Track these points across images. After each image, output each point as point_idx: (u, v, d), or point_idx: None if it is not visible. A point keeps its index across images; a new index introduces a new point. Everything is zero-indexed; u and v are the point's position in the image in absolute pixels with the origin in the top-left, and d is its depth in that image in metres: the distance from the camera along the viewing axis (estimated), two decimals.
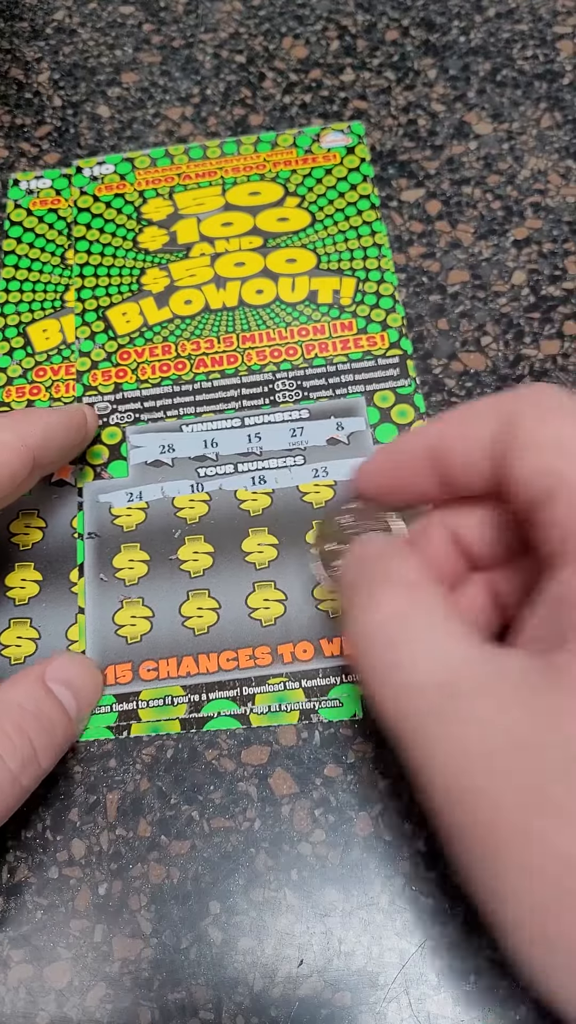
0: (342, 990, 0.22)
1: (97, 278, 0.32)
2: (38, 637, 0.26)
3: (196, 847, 0.23)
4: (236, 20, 0.39)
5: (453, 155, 0.34)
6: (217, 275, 0.32)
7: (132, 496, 0.28)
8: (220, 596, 0.26)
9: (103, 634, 0.26)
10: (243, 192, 0.34)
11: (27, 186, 0.35)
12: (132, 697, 0.25)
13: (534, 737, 0.15)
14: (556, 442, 0.17)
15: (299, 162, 0.34)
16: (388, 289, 0.31)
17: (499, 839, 0.14)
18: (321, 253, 0.32)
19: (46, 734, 0.22)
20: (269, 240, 0.33)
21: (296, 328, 0.31)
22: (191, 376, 0.30)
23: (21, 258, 0.33)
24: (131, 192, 0.34)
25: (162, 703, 0.25)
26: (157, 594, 0.27)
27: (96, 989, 0.22)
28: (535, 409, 0.18)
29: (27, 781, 0.22)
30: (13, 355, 0.31)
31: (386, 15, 0.38)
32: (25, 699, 0.22)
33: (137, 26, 0.39)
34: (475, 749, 0.15)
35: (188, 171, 0.35)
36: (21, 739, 0.21)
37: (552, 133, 0.35)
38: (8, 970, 0.22)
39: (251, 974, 0.22)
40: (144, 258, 0.33)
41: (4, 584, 0.27)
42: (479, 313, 0.31)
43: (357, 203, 0.33)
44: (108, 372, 0.30)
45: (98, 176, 0.35)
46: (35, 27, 0.39)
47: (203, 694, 0.25)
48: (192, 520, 0.28)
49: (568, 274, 0.32)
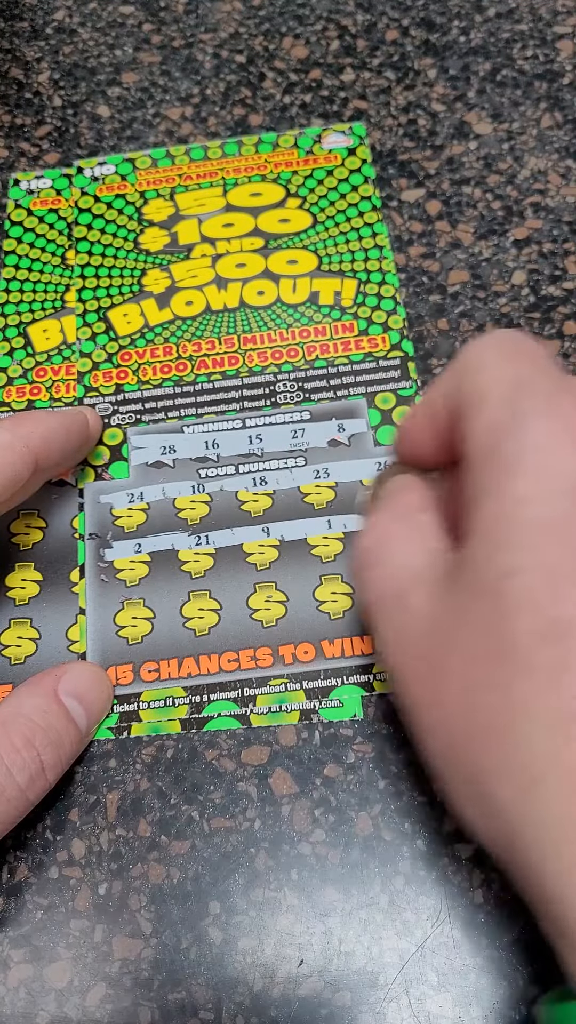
0: (342, 990, 0.22)
1: (98, 279, 0.32)
2: (38, 637, 0.26)
3: (196, 847, 0.23)
4: (236, 20, 0.39)
5: (453, 155, 0.34)
6: (218, 276, 0.32)
7: (133, 497, 0.28)
8: (221, 597, 0.26)
9: (104, 635, 0.26)
10: (244, 193, 0.34)
11: (27, 186, 0.35)
12: (133, 698, 0.25)
13: (443, 621, 0.18)
14: (477, 366, 0.20)
15: (300, 163, 0.34)
16: (389, 291, 0.31)
17: (416, 701, 0.18)
18: (322, 254, 0.32)
19: (54, 748, 0.22)
20: (270, 241, 0.33)
21: (297, 329, 0.31)
22: (192, 377, 0.30)
23: (21, 258, 0.33)
24: (132, 193, 0.34)
25: (163, 704, 0.25)
26: (158, 595, 0.27)
27: (96, 989, 0.22)
28: (475, 358, 0.20)
29: (33, 795, 0.22)
30: (13, 355, 0.31)
31: (386, 15, 0.38)
32: (36, 712, 0.22)
33: (137, 26, 0.39)
34: (403, 629, 0.19)
35: (189, 172, 0.35)
36: (30, 753, 0.21)
37: (552, 133, 0.35)
38: (8, 970, 0.22)
39: (251, 974, 0.22)
40: (145, 259, 0.33)
41: (4, 584, 0.27)
42: (479, 313, 0.31)
43: (358, 204, 0.33)
44: (109, 373, 0.30)
45: (99, 177, 0.35)
46: (35, 27, 0.39)
47: (204, 695, 0.25)
48: (193, 521, 0.28)
49: (568, 274, 0.32)
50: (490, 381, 0.19)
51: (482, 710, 0.17)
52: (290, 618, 0.26)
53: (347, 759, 0.24)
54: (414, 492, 0.22)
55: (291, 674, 0.25)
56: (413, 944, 0.22)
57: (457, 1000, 0.21)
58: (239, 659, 0.26)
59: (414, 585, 0.19)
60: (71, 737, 0.23)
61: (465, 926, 0.22)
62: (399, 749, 0.24)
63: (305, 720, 0.25)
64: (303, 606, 0.26)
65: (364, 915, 0.22)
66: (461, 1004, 0.21)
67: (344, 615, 0.26)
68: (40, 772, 0.22)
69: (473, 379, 0.19)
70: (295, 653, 0.26)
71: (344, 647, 0.26)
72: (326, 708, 0.25)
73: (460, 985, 0.22)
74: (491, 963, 0.22)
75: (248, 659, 0.26)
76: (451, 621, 0.18)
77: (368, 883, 0.23)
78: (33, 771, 0.21)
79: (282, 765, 0.24)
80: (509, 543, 0.17)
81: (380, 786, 0.24)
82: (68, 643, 0.26)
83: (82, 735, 0.23)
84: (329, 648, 0.26)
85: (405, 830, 0.23)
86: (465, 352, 0.21)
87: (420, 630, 0.19)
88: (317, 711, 0.25)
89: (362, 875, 0.23)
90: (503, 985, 0.21)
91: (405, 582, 0.20)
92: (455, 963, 0.22)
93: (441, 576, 0.19)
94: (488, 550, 0.17)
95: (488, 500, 0.17)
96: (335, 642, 0.26)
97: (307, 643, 0.26)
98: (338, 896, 0.23)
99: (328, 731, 0.25)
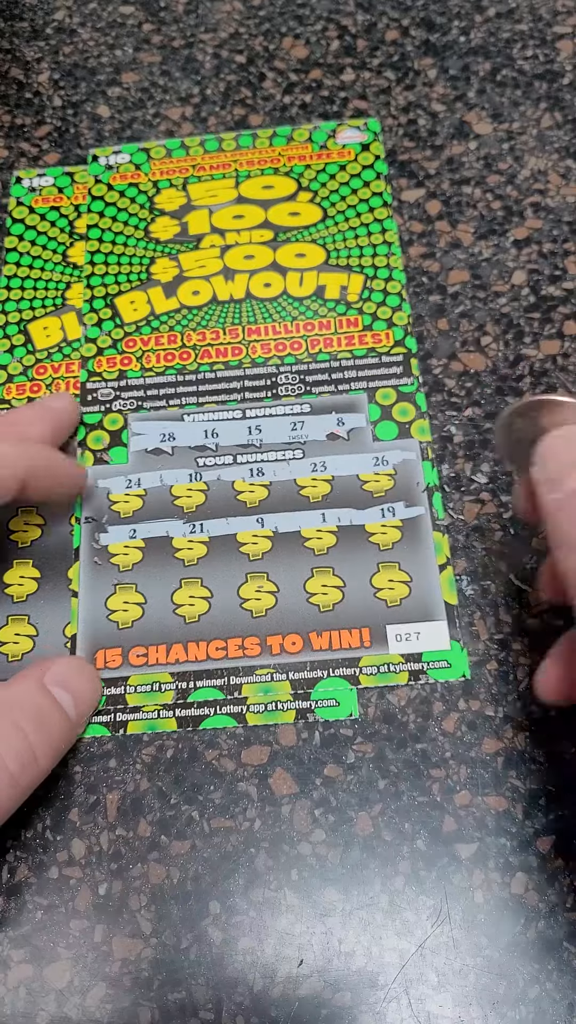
0: (342, 990, 0.22)
1: (107, 266, 0.33)
2: (36, 634, 0.26)
3: (196, 847, 0.23)
4: (236, 20, 0.39)
5: (453, 155, 0.34)
6: (226, 267, 0.32)
7: (131, 483, 0.28)
8: (212, 585, 0.27)
9: (95, 618, 0.26)
10: (256, 185, 0.34)
11: (30, 184, 0.35)
12: (120, 682, 0.25)
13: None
14: None
15: (314, 157, 0.35)
16: (396, 287, 0.31)
17: None
18: (331, 249, 0.32)
19: (43, 733, 0.22)
20: (279, 234, 0.33)
21: (302, 323, 0.31)
22: (195, 366, 0.30)
23: (23, 255, 0.33)
24: (145, 182, 0.34)
25: (150, 689, 0.25)
26: (150, 581, 0.27)
27: (96, 989, 0.22)
28: None
29: (26, 781, 0.22)
30: (14, 352, 0.31)
31: (386, 15, 0.38)
32: (22, 698, 0.22)
33: (137, 26, 0.39)
34: None
35: (203, 163, 0.35)
36: (18, 737, 0.21)
37: (552, 133, 0.35)
38: (8, 970, 0.22)
39: (251, 974, 0.22)
40: (155, 247, 0.33)
41: (2, 581, 0.27)
42: (479, 313, 0.31)
43: (369, 200, 0.33)
44: (113, 359, 0.31)
45: (113, 165, 0.35)
46: (35, 27, 0.39)
47: (191, 682, 0.25)
48: (189, 509, 0.28)
49: (568, 274, 0.32)
50: None
51: None
52: (280, 609, 0.26)
53: (347, 759, 0.24)
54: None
55: (277, 664, 0.25)
56: (413, 944, 0.22)
57: (457, 1000, 0.21)
58: (227, 647, 0.26)
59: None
60: (59, 724, 0.23)
61: (465, 926, 0.22)
62: (399, 749, 0.24)
63: (301, 719, 0.25)
64: (293, 598, 0.26)
65: (364, 915, 0.22)
66: (461, 1004, 0.21)
67: (333, 608, 0.26)
68: (32, 758, 0.22)
69: None
70: (283, 644, 0.26)
71: (332, 640, 0.26)
72: (322, 707, 0.25)
73: (460, 985, 0.21)
74: (491, 963, 0.22)
75: (236, 648, 0.26)
76: None
77: (368, 883, 0.23)
78: (24, 757, 0.21)
79: (282, 765, 0.24)
80: None
81: (380, 786, 0.24)
82: (65, 639, 0.26)
83: (72, 723, 0.23)
84: (317, 640, 0.26)
85: (405, 830, 0.23)
86: None
87: None
88: (313, 710, 0.25)
89: (362, 875, 0.23)
90: (503, 985, 0.21)
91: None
92: (455, 963, 0.22)
93: None
94: None
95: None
96: (323, 634, 0.26)
97: (295, 634, 0.26)
98: (338, 896, 0.23)
99: (328, 731, 0.25)
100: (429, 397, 0.29)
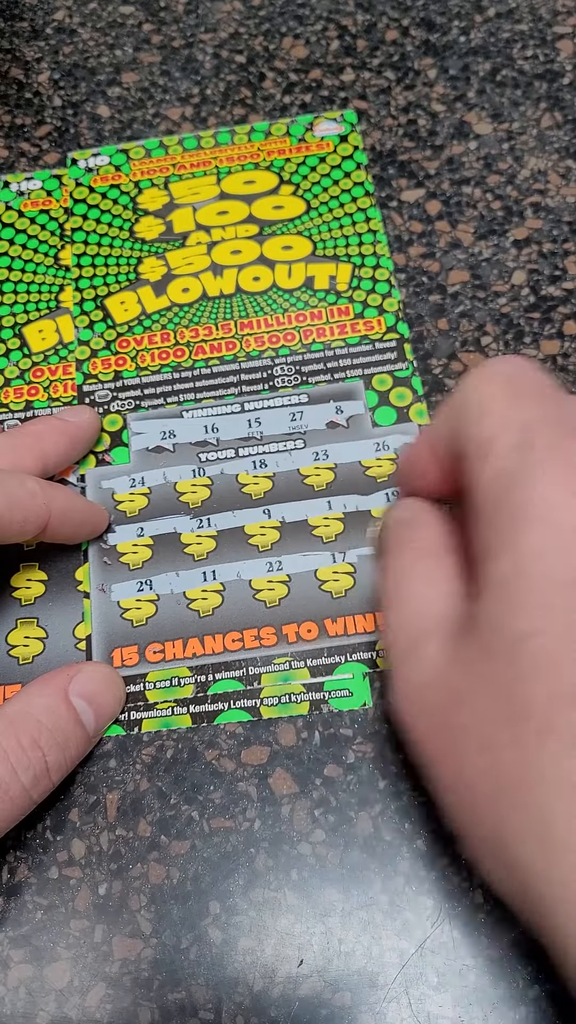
0: (342, 990, 0.22)
1: (95, 268, 0.33)
2: (45, 637, 0.26)
3: (196, 847, 0.23)
4: (236, 20, 0.39)
5: (453, 155, 0.34)
6: (214, 263, 0.32)
7: (135, 482, 0.28)
8: (224, 578, 0.27)
9: (109, 618, 0.26)
10: (238, 181, 0.34)
11: (17, 188, 0.35)
12: (139, 679, 0.25)
13: (457, 677, 0.18)
14: (480, 408, 0.19)
15: (293, 151, 0.35)
16: (384, 274, 0.32)
17: (432, 756, 0.19)
18: (317, 240, 0.33)
19: (60, 751, 0.22)
20: (265, 228, 0.33)
21: (294, 314, 0.31)
22: (190, 363, 0.30)
23: (14, 259, 0.33)
24: (126, 183, 0.34)
25: (169, 684, 0.25)
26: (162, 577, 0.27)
27: (96, 989, 0.22)
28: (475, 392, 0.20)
29: (36, 795, 0.22)
30: (10, 356, 0.31)
31: (386, 15, 0.38)
32: (45, 713, 0.22)
33: (137, 26, 0.39)
34: (416, 681, 0.19)
35: (183, 161, 0.35)
36: (35, 754, 0.21)
37: (552, 133, 0.35)
38: (8, 970, 0.22)
39: (251, 974, 0.22)
40: (141, 247, 0.33)
41: (10, 584, 0.27)
42: (479, 313, 0.31)
43: (351, 190, 0.34)
44: (108, 360, 0.31)
45: (93, 167, 0.35)
46: (35, 27, 0.39)
47: (210, 674, 0.25)
48: (195, 504, 0.28)
49: (568, 274, 0.32)
50: (495, 427, 0.18)
51: (502, 771, 0.16)
52: (292, 598, 0.26)
53: (347, 759, 0.24)
54: (432, 528, 0.22)
55: (295, 652, 0.26)
56: (413, 944, 0.22)
57: (457, 1000, 0.21)
58: (243, 639, 0.26)
59: (430, 635, 0.19)
60: (77, 740, 0.23)
61: (465, 926, 0.22)
62: (399, 749, 0.24)
63: (316, 710, 0.25)
64: (305, 586, 0.26)
65: (364, 915, 0.22)
66: (461, 1004, 0.21)
67: (346, 594, 0.26)
68: (44, 773, 0.22)
69: (477, 423, 0.19)
70: (298, 632, 0.26)
71: (347, 625, 0.26)
72: (336, 698, 0.25)
73: (460, 985, 0.21)
74: (491, 963, 0.22)
75: (252, 638, 0.26)
76: (466, 678, 0.18)
77: (368, 883, 0.23)
78: (38, 771, 0.21)
79: (282, 765, 0.24)
80: (522, 604, 0.16)
81: (380, 786, 0.24)
82: (75, 641, 0.26)
83: (89, 737, 0.23)
84: (332, 627, 0.26)
85: (405, 830, 0.23)
86: (466, 386, 0.20)
87: (434, 682, 0.19)
88: (327, 700, 0.25)
89: (362, 875, 0.23)
90: (503, 985, 0.21)
91: (421, 630, 0.19)
92: (455, 963, 0.22)
93: (456, 629, 0.19)
94: (502, 610, 0.17)
95: (500, 555, 0.17)
96: (338, 620, 0.26)
97: (310, 622, 0.26)
98: (338, 896, 0.23)
99: (328, 731, 0.25)
100: (429, 397, 0.30)
